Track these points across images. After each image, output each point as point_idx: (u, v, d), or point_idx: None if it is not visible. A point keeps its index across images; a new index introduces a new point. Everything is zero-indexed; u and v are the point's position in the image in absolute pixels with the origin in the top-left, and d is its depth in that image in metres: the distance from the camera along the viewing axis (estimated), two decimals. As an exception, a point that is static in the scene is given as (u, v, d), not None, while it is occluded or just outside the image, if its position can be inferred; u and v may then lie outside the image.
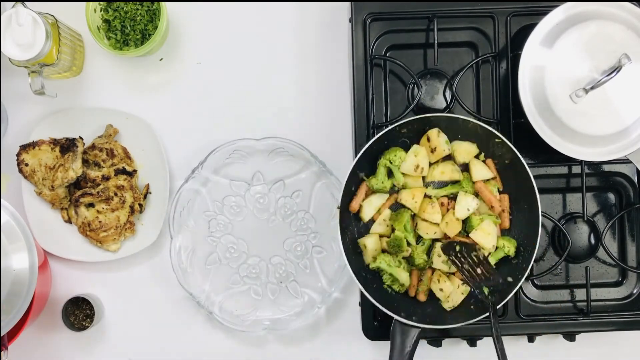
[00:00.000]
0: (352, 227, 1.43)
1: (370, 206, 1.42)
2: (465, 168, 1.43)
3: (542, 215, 1.48)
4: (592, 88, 1.34)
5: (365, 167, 1.41)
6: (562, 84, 1.36)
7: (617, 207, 1.52)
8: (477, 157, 1.42)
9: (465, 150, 1.41)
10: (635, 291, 1.51)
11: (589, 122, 1.37)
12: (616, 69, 1.32)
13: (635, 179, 1.51)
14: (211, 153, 1.50)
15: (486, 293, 1.36)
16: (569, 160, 1.50)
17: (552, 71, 1.37)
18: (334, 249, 1.53)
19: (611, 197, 1.52)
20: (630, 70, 1.34)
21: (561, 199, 1.52)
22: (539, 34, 1.37)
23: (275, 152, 1.53)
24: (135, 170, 1.52)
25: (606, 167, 1.51)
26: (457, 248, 1.38)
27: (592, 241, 1.50)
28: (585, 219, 1.48)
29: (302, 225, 1.54)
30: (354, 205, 1.41)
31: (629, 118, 1.36)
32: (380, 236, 1.42)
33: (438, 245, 1.40)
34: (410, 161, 1.40)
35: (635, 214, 1.51)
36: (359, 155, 1.37)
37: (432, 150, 1.40)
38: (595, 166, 1.50)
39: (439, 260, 1.40)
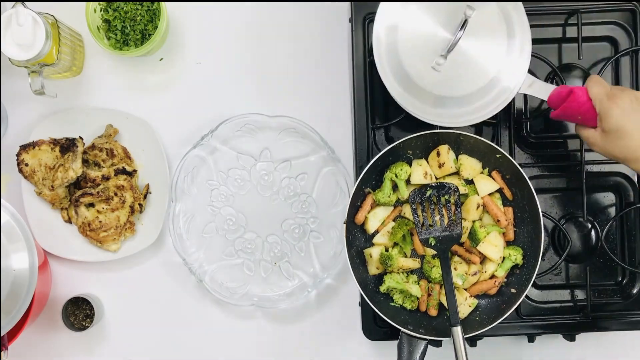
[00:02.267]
0: (358, 239, 1.44)
1: (376, 218, 1.43)
2: (469, 182, 1.44)
3: (542, 215, 1.48)
4: (449, 51, 1.30)
5: (369, 180, 1.42)
6: (420, 58, 1.33)
7: (617, 207, 1.52)
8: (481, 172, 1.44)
9: (471, 166, 1.42)
10: (635, 291, 1.51)
11: (458, 83, 1.34)
12: (463, 23, 1.29)
13: (635, 179, 1.51)
14: (223, 122, 1.50)
15: (432, 243, 1.38)
16: (569, 160, 1.50)
17: (405, 49, 1.33)
18: (331, 237, 1.54)
19: (611, 197, 1.52)
20: (478, 19, 1.31)
21: (561, 199, 1.52)
22: (381, 24, 1.34)
23: (286, 131, 1.53)
24: (135, 170, 1.52)
25: (606, 167, 1.51)
26: (428, 193, 1.39)
27: (592, 241, 1.50)
28: (585, 219, 1.48)
29: (303, 209, 1.54)
30: (360, 218, 1.43)
31: (492, 66, 1.34)
32: (386, 249, 1.44)
33: (454, 258, 1.43)
34: (418, 172, 1.41)
35: (635, 214, 1.51)
36: (364, 171, 1.38)
37: (440, 166, 1.41)
38: (595, 166, 1.50)
39: (454, 274, 1.40)
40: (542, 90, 1.36)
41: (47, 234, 1.52)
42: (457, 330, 1.31)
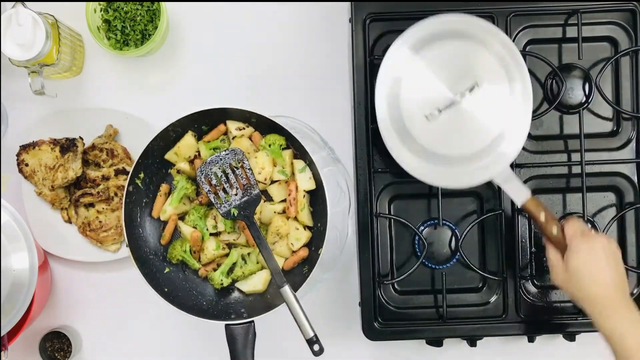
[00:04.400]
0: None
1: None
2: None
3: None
4: (445, 108, 1.31)
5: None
6: (420, 111, 1.34)
7: (617, 207, 1.52)
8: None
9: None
10: (635, 291, 1.51)
11: (457, 141, 1.34)
12: (470, 89, 1.31)
13: (635, 179, 1.51)
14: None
15: (235, 214, 1.33)
16: (569, 160, 1.50)
17: (408, 90, 1.34)
18: (330, 237, 1.53)
19: (611, 197, 1.52)
20: (486, 92, 1.33)
21: (561, 199, 1.52)
22: (386, 73, 1.35)
23: None
24: (135, 170, 1.52)
25: (606, 167, 1.51)
26: (216, 166, 1.33)
27: (592, 241, 1.50)
28: (585, 219, 1.48)
29: (303, 208, 1.54)
30: (156, 210, 1.40)
31: (481, 140, 1.34)
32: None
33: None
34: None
35: (635, 214, 1.51)
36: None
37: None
38: (595, 166, 1.50)
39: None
40: (518, 193, 1.36)
41: (47, 234, 1.52)
42: (286, 290, 1.29)
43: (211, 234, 1.39)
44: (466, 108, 1.34)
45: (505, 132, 1.34)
